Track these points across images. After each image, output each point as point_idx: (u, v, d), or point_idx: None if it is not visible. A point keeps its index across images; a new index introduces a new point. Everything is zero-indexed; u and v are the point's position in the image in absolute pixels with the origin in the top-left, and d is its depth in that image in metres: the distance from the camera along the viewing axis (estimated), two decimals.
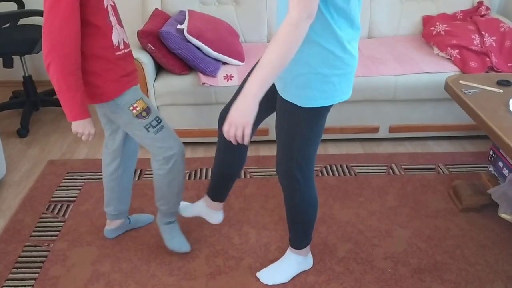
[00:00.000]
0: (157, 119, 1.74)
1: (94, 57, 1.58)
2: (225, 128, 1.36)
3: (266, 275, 1.92)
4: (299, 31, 1.25)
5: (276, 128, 1.63)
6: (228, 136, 1.36)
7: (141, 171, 2.64)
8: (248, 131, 1.34)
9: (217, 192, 2.05)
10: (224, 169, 1.95)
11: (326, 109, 1.53)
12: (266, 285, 1.90)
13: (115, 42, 1.60)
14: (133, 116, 1.70)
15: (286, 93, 1.51)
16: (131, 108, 1.69)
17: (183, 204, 2.16)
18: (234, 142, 1.38)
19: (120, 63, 1.64)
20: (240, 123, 1.33)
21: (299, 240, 1.88)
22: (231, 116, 1.34)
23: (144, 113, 1.70)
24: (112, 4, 1.60)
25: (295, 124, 1.55)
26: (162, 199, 1.92)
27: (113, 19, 1.60)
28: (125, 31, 1.72)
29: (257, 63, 1.36)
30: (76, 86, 1.55)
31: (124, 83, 1.67)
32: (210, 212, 2.10)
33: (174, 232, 2.02)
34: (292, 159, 1.63)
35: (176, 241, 2.01)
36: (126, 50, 1.68)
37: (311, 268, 1.96)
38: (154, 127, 1.73)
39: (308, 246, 1.92)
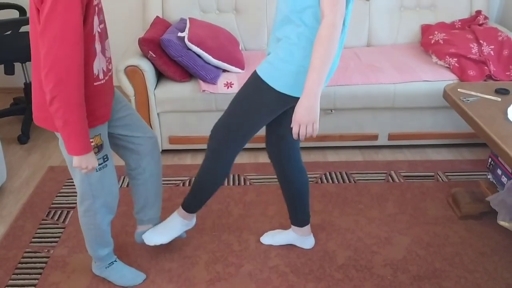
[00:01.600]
0: (104, 157, 1.66)
1: None
2: (295, 128, 1.51)
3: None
4: (338, 30, 1.43)
5: (234, 98, 1.70)
6: (298, 134, 1.52)
7: None
8: (316, 126, 1.50)
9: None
10: (291, 191, 1.97)
11: (291, 99, 1.60)
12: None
13: (95, 71, 1.51)
14: None
15: (264, 73, 1.60)
16: None
17: (270, 232, 2.18)
18: (303, 139, 1.53)
19: (97, 94, 1.54)
20: (309, 121, 1.48)
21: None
22: (299, 117, 1.49)
23: (96, 149, 1.61)
24: (99, 31, 1.50)
25: (259, 101, 1.64)
26: (86, 242, 1.89)
27: (98, 46, 1.50)
28: (110, 58, 1.63)
29: None
30: (85, 117, 1.47)
31: (92, 119, 1.55)
32: (301, 238, 2.11)
33: (120, 270, 1.94)
34: (228, 124, 1.72)
35: (127, 277, 1.94)
36: (105, 79, 1.58)
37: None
38: (99, 164, 1.64)
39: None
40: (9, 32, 3.14)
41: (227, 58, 2.71)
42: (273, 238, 2.15)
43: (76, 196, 2.46)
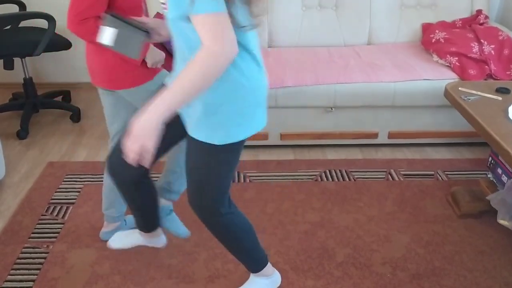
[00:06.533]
0: None
1: None
2: (127, 144, 1.26)
3: None
4: (219, 63, 1.20)
5: (188, 166, 1.53)
6: (128, 149, 1.26)
7: None
8: (148, 150, 1.25)
9: (147, 225, 1.88)
10: (140, 206, 1.79)
11: (244, 141, 1.47)
12: None
13: None
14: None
15: (199, 133, 1.43)
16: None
17: (117, 235, 1.98)
18: (134, 163, 1.28)
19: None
20: (141, 141, 1.24)
21: (253, 265, 1.79)
22: (134, 133, 1.25)
23: None
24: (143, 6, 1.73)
25: (212, 163, 1.48)
26: None
27: (143, 5, 1.72)
28: None
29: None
30: None
31: (153, 68, 1.79)
32: (152, 240, 1.94)
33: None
34: (208, 195, 1.55)
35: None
36: None
37: (279, 284, 1.90)
38: None
39: (269, 264, 1.82)
40: (8, 27, 3.13)
41: None
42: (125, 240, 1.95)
43: (75, 192, 2.48)
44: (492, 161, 2.28)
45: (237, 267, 2.00)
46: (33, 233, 2.18)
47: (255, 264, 1.80)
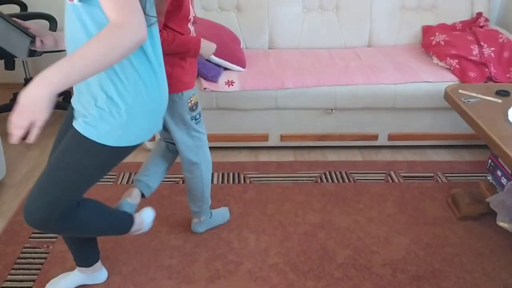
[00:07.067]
0: (200, 113, 1.95)
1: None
2: (13, 116, 1.10)
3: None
4: (125, 34, 1.11)
5: (57, 166, 1.39)
6: (14, 126, 1.11)
7: None
8: (38, 125, 1.10)
9: (92, 258, 1.86)
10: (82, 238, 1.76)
11: (131, 148, 1.43)
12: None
13: None
14: (188, 108, 1.87)
15: (92, 132, 1.34)
16: (189, 100, 1.86)
17: (52, 282, 1.90)
18: (17, 137, 1.12)
19: (193, 63, 1.89)
20: (31, 116, 1.09)
21: (124, 228, 1.70)
22: (22, 103, 1.09)
23: (194, 107, 1.90)
24: (194, 15, 1.83)
25: (94, 165, 1.39)
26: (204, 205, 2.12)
27: (191, 27, 1.82)
28: None
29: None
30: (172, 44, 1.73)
31: (191, 80, 1.89)
32: (93, 275, 1.90)
33: (219, 214, 2.26)
34: (61, 201, 1.38)
35: (224, 215, 2.29)
36: None
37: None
38: (196, 119, 1.93)
39: (135, 214, 1.76)
40: None
41: (228, 56, 2.71)
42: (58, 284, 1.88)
43: None
44: (492, 164, 2.28)
45: (237, 267, 2.00)
46: (33, 233, 2.19)
47: (125, 226, 1.69)
